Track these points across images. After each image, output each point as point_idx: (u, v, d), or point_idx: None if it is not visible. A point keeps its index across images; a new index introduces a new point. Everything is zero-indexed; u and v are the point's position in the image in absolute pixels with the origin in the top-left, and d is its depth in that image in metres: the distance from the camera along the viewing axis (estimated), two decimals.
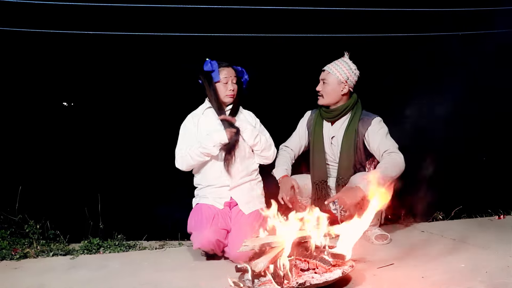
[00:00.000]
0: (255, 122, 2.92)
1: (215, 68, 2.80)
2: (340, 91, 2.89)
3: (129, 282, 2.38)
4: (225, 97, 2.82)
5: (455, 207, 3.45)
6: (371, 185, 2.44)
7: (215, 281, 2.30)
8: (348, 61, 2.91)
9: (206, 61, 2.82)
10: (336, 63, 2.92)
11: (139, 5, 3.31)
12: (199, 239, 2.60)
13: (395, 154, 2.73)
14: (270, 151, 2.87)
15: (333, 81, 2.88)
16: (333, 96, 2.90)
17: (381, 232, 2.85)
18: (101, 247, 3.03)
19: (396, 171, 2.67)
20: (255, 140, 2.79)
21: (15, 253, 2.91)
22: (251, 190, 2.83)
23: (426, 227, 3.18)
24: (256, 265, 2.07)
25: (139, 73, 3.98)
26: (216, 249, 2.63)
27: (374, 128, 2.84)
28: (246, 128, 2.78)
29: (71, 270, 2.65)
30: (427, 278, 2.17)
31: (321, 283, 2.03)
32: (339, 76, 2.87)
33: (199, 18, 3.51)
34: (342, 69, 2.87)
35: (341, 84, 2.88)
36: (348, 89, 2.89)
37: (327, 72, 2.91)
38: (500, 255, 2.47)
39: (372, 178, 2.47)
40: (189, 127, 2.84)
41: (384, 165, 2.68)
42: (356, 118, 2.89)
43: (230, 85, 2.81)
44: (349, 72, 2.87)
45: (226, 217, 2.73)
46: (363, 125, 2.86)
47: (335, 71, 2.88)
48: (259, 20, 3.61)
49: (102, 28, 3.29)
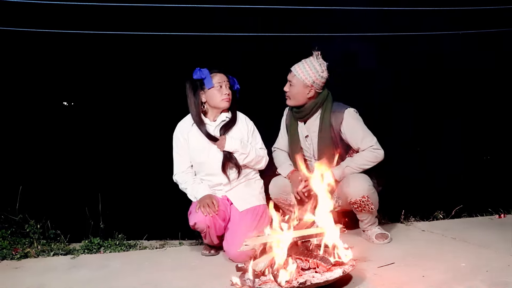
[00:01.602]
0: (248, 130, 2.87)
1: (206, 75, 2.76)
2: (306, 94, 2.80)
3: (129, 282, 2.38)
4: (221, 102, 2.77)
5: (455, 206, 3.45)
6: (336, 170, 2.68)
7: (216, 281, 2.30)
8: (315, 63, 2.78)
9: (195, 69, 2.79)
10: (303, 64, 2.80)
11: (139, 5, 3.30)
12: (196, 215, 2.62)
13: (368, 152, 2.75)
14: (261, 163, 2.88)
15: (299, 84, 2.79)
16: (299, 99, 2.83)
17: (381, 231, 2.85)
18: (102, 246, 3.03)
19: (368, 164, 2.74)
20: (245, 161, 2.78)
21: (15, 253, 2.91)
22: (247, 188, 2.84)
23: (427, 226, 3.18)
24: (256, 265, 2.07)
25: (140, 73, 3.99)
26: (212, 230, 2.64)
27: (348, 123, 2.78)
28: (236, 151, 2.75)
29: (72, 269, 2.65)
30: (428, 277, 2.17)
31: (321, 282, 2.03)
32: (304, 79, 2.77)
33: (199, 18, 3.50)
34: (308, 72, 2.77)
35: (307, 88, 2.79)
36: (314, 91, 2.80)
37: (293, 74, 2.81)
38: (500, 254, 2.47)
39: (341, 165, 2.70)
40: (181, 142, 2.83)
41: (355, 158, 2.77)
42: (327, 113, 2.81)
43: (224, 89, 2.77)
44: (315, 75, 2.76)
45: (225, 204, 2.76)
46: (335, 120, 2.79)
47: (301, 74, 2.78)
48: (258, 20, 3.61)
49: (103, 28, 3.29)
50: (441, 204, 3.49)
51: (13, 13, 3.13)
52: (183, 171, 2.83)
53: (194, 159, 2.82)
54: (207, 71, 2.78)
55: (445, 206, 3.48)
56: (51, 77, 3.98)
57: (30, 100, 3.98)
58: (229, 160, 2.75)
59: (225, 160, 2.75)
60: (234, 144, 2.75)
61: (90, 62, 3.95)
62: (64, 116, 4.14)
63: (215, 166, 2.77)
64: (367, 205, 2.71)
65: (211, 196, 2.70)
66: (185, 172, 2.83)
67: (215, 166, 2.77)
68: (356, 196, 2.69)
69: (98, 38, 3.37)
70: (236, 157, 2.76)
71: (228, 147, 2.74)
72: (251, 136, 2.87)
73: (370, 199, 2.69)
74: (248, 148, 2.79)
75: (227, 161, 2.75)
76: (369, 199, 2.69)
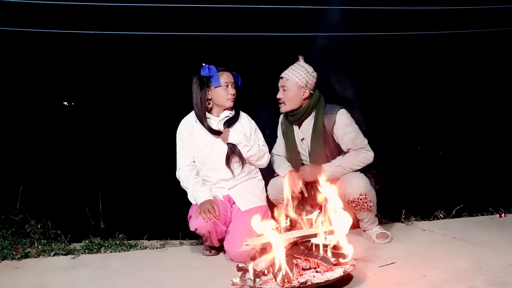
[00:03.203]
0: (250, 128, 2.90)
1: (214, 73, 2.78)
2: (301, 96, 2.85)
3: (130, 282, 2.38)
4: (226, 101, 2.81)
5: (456, 206, 3.45)
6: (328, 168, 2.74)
7: (216, 280, 2.30)
8: (304, 65, 2.86)
9: (203, 66, 2.79)
10: (293, 68, 2.87)
11: (139, 5, 3.30)
12: (197, 220, 2.62)
13: (359, 153, 2.79)
14: (264, 159, 2.88)
15: (292, 87, 2.84)
16: (294, 102, 2.87)
17: (382, 230, 2.85)
18: (102, 246, 3.03)
19: (358, 165, 2.78)
20: (248, 153, 2.79)
21: (16, 253, 2.91)
22: (249, 188, 2.84)
23: (427, 225, 3.18)
24: (257, 265, 2.07)
25: (141, 73, 3.99)
26: (213, 234, 2.64)
27: (340, 125, 2.82)
28: (240, 143, 2.77)
29: (72, 269, 2.65)
30: (429, 276, 2.16)
31: (322, 282, 2.03)
32: (298, 81, 2.83)
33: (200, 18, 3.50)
34: (300, 73, 2.83)
35: (301, 89, 2.84)
36: (309, 92, 2.86)
37: (285, 79, 2.87)
38: (501, 253, 2.47)
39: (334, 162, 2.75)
40: (185, 136, 2.84)
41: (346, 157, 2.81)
42: (320, 115, 2.86)
43: (230, 89, 2.81)
44: (307, 75, 2.83)
45: (226, 206, 2.76)
46: (328, 122, 2.83)
47: (294, 77, 2.84)
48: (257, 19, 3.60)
49: (103, 28, 3.28)
50: (441, 203, 3.49)
51: (14, 13, 3.13)
52: (187, 165, 2.82)
53: (197, 153, 2.82)
54: (215, 69, 2.79)
55: (445, 205, 3.48)
56: (52, 77, 3.98)
57: (30, 100, 3.98)
58: (233, 152, 2.76)
59: (229, 153, 2.76)
60: (237, 136, 2.76)
61: (90, 62, 3.95)
62: (64, 116, 4.14)
63: (218, 160, 2.77)
64: (365, 203, 2.72)
65: (212, 201, 2.70)
66: (189, 167, 2.82)
67: (218, 160, 2.77)
68: (353, 194, 2.71)
69: (98, 38, 3.37)
70: (240, 150, 2.77)
71: (232, 139, 2.75)
72: (253, 133, 2.90)
73: (368, 196, 2.71)
74: (252, 141, 2.82)
75: (231, 154, 2.76)
76: (367, 196, 2.71)
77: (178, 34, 3.41)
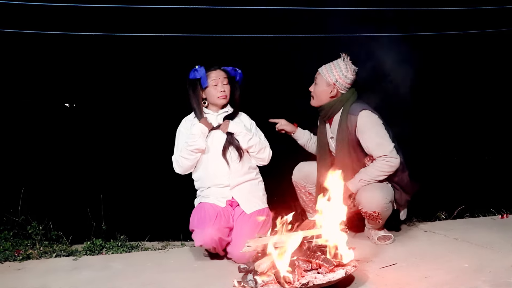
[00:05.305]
0: (250, 124, 2.92)
1: (202, 74, 2.79)
2: (328, 93, 2.85)
3: (132, 283, 2.39)
4: (217, 100, 2.81)
5: (458, 207, 3.44)
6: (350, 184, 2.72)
7: (218, 282, 2.31)
8: (341, 64, 2.83)
9: (192, 69, 2.81)
10: (329, 64, 2.87)
11: (139, 6, 3.31)
12: (202, 236, 2.60)
13: (382, 162, 2.70)
14: (265, 152, 2.86)
15: (322, 82, 2.86)
16: (321, 98, 2.88)
17: (385, 233, 2.84)
18: (104, 248, 3.03)
19: (382, 175, 2.72)
20: (249, 143, 2.78)
21: (18, 254, 2.92)
22: (252, 189, 2.83)
23: (429, 226, 3.17)
24: (259, 266, 2.07)
25: (142, 75, 3.99)
26: (218, 248, 2.63)
27: (361, 128, 2.74)
28: (240, 132, 2.77)
29: (74, 271, 2.66)
30: (430, 278, 2.16)
31: (324, 283, 2.03)
32: (328, 78, 2.83)
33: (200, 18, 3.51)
34: (333, 71, 2.83)
35: (329, 87, 2.83)
36: (337, 91, 2.84)
37: (318, 73, 2.90)
38: (503, 254, 2.46)
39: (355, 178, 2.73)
40: (183, 132, 2.85)
41: (369, 169, 2.74)
42: (344, 115, 2.81)
43: (220, 87, 2.79)
44: (339, 75, 2.81)
45: (228, 215, 2.73)
46: (351, 122, 2.77)
47: (325, 73, 2.85)
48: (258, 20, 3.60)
49: (104, 30, 3.29)
50: (443, 204, 3.49)
51: (15, 15, 3.14)
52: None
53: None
54: (203, 70, 2.80)
55: (447, 206, 3.48)
56: (52, 79, 3.98)
57: (31, 101, 3.98)
58: (230, 144, 2.75)
59: (226, 144, 2.75)
60: (237, 126, 2.78)
61: (91, 64, 3.95)
62: (65, 117, 4.14)
63: (214, 151, 2.76)
64: (376, 219, 2.72)
65: (212, 204, 2.70)
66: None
67: (214, 151, 2.76)
68: (367, 209, 2.69)
69: (99, 40, 3.38)
70: (240, 139, 2.76)
71: (232, 129, 2.76)
72: (253, 129, 2.91)
73: (380, 215, 2.69)
74: (252, 133, 2.83)
75: (227, 145, 2.75)
76: (379, 215, 2.69)
77: (180, 35, 3.42)
